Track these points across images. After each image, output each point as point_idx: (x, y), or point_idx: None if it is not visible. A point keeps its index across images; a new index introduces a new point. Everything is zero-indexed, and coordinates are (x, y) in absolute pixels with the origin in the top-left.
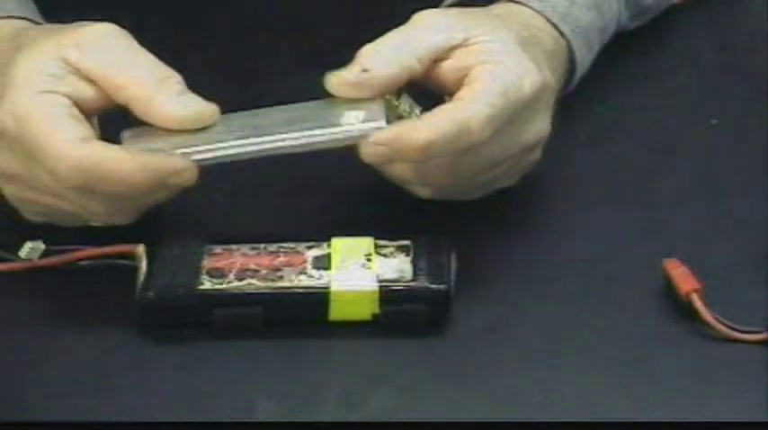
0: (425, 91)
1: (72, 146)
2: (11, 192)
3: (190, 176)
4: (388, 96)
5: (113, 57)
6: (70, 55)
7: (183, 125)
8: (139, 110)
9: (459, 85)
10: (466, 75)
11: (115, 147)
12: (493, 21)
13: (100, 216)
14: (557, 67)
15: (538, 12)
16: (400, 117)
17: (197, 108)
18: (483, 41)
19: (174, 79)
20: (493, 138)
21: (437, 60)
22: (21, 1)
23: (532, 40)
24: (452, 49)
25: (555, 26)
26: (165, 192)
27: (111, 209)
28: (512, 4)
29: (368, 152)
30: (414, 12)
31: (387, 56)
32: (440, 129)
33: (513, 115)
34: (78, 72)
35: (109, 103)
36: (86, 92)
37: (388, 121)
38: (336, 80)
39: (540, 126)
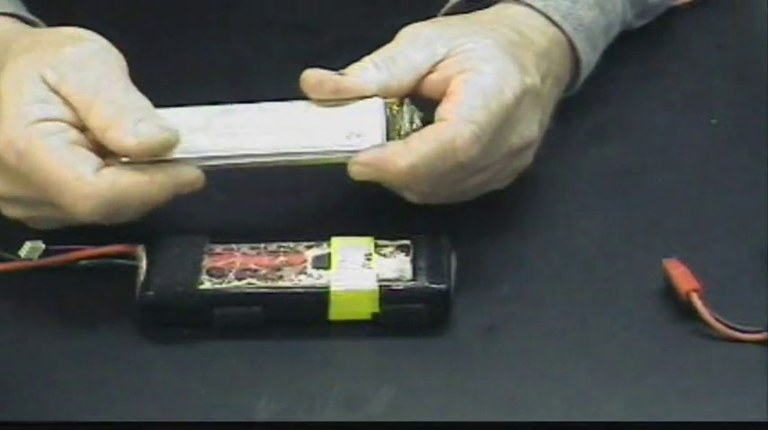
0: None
1: (89, 183)
2: (15, 213)
3: (201, 185)
4: (389, 100)
5: (88, 81)
6: (48, 76)
7: (138, 154)
8: (98, 137)
9: (443, 96)
10: (448, 85)
11: (128, 171)
12: (478, 27)
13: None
14: (550, 67)
15: (539, 11)
16: (399, 126)
17: (149, 138)
18: (463, 51)
19: (135, 113)
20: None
21: (422, 76)
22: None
23: (521, 42)
24: (436, 63)
25: (557, 25)
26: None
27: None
28: (508, 4)
29: (353, 170)
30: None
31: (370, 77)
32: (423, 154)
33: (499, 125)
34: (58, 94)
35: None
36: (72, 113)
37: (388, 132)
38: (315, 81)
39: (525, 130)
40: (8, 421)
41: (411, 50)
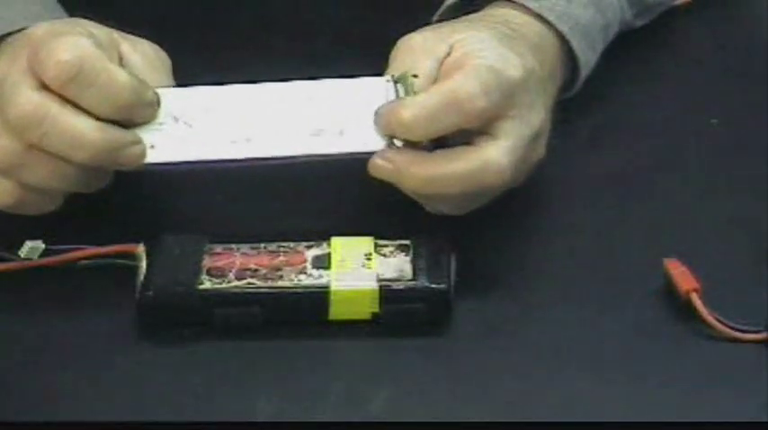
0: None
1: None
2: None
3: (140, 154)
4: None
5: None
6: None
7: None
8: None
9: None
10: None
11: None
12: (470, 24)
13: (43, 172)
14: (544, 59)
15: (534, 13)
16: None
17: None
18: (462, 45)
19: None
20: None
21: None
22: (47, 4)
23: (515, 35)
24: (440, 64)
25: (552, 25)
26: (102, 175)
27: (56, 169)
28: (493, 5)
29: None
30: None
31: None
32: (426, 103)
33: (507, 94)
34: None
35: None
36: None
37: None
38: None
39: (539, 112)
40: (8, 421)
41: (415, 62)
